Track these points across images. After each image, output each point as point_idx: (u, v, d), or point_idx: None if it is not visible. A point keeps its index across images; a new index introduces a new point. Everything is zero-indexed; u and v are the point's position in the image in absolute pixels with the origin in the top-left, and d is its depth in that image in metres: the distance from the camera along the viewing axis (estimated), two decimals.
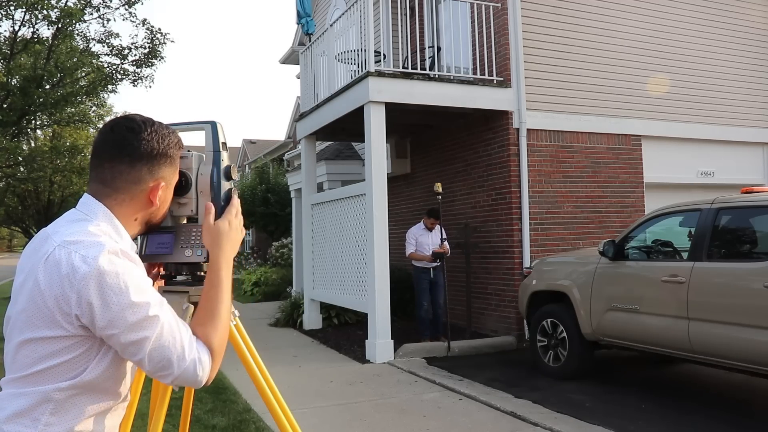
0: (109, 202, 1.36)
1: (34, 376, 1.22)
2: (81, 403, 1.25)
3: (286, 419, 1.93)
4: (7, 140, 16.35)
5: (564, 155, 8.40)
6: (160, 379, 1.29)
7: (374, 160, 7.37)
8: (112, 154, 1.36)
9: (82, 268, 1.19)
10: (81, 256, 1.21)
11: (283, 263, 15.74)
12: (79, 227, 1.29)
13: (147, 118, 1.42)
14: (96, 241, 1.24)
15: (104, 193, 1.36)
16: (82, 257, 1.21)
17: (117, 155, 1.36)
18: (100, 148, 1.38)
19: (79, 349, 1.23)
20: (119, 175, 1.36)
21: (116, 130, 1.38)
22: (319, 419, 4.97)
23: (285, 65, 16.57)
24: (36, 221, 26.49)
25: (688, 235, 5.33)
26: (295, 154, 17.07)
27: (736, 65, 9.76)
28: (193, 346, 1.30)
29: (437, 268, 7.85)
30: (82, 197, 1.38)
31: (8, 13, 15.29)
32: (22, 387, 1.22)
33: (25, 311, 1.23)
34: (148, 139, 1.38)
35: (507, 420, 4.90)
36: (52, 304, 1.20)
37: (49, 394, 1.21)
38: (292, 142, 22.74)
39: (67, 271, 1.20)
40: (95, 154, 1.39)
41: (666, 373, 6.46)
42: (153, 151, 1.39)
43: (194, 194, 1.85)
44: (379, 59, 9.03)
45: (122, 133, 1.37)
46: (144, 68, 17.57)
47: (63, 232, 1.28)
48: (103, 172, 1.36)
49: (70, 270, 1.20)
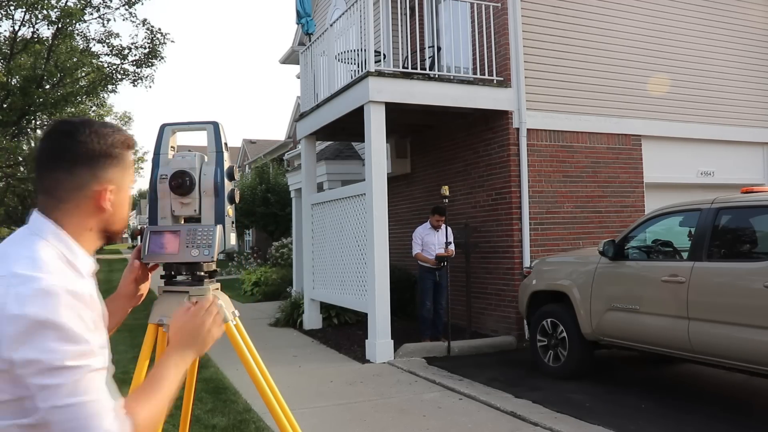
0: (56, 215, 1.26)
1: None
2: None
3: (286, 419, 1.93)
4: (7, 140, 16.35)
5: (564, 155, 8.40)
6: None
7: (374, 160, 7.37)
8: (49, 163, 1.26)
9: (8, 307, 1.10)
10: (15, 294, 1.11)
11: (283, 263, 15.73)
12: (25, 250, 1.19)
13: (86, 119, 1.33)
14: (32, 276, 1.13)
15: (50, 205, 1.27)
16: (15, 295, 1.11)
17: (54, 163, 1.26)
18: (39, 158, 1.28)
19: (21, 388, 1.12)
20: (59, 183, 1.26)
21: (52, 136, 1.28)
22: (319, 419, 4.97)
23: (285, 65, 16.57)
24: None
25: (688, 235, 5.33)
26: (295, 154, 17.07)
27: (736, 65, 9.76)
28: (117, 419, 1.15)
29: (442, 270, 7.86)
30: (32, 212, 1.28)
31: (8, 13, 15.30)
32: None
33: None
34: (86, 141, 1.27)
35: (507, 420, 4.90)
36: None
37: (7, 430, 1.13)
38: (292, 142, 22.73)
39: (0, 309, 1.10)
40: (36, 165, 1.29)
41: (666, 373, 6.45)
42: (92, 152, 1.27)
43: (197, 194, 1.85)
44: (379, 59, 9.03)
45: (58, 139, 1.27)
46: (144, 68, 17.59)
47: (11, 257, 1.18)
48: (44, 182, 1.27)
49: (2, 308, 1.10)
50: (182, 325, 1.46)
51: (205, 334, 1.47)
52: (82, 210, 1.28)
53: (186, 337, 1.45)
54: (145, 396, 1.27)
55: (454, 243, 7.96)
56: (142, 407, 1.22)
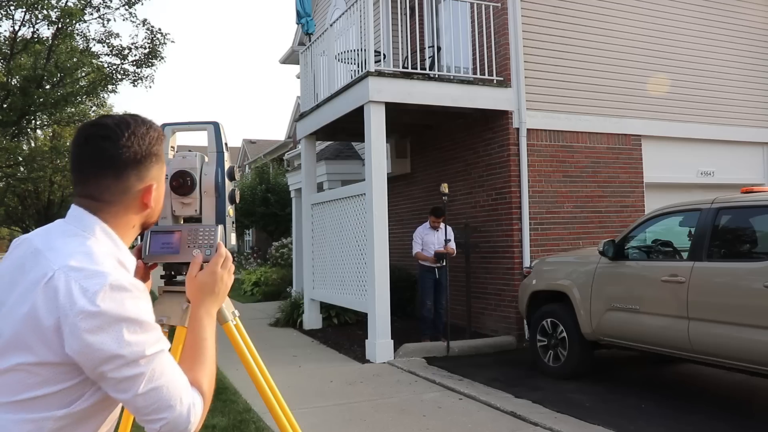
0: (103, 216, 1.27)
1: (26, 402, 1.14)
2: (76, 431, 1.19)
3: (286, 419, 1.93)
4: (7, 140, 16.35)
5: (564, 155, 8.40)
6: (147, 424, 1.19)
7: (374, 160, 7.37)
8: (94, 168, 1.26)
9: (79, 302, 1.11)
10: (81, 288, 1.13)
11: (283, 263, 15.74)
12: (78, 245, 1.20)
13: (120, 119, 1.31)
14: (98, 271, 1.15)
15: (96, 207, 1.27)
16: (82, 289, 1.12)
17: (100, 170, 1.26)
18: (79, 164, 1.28)
19: (74, 379, 1.16)
20: (107, 189, 1.27)
21: (92, 142, 1.27)
22: (319, 419, 4.97)
23: (285, 65, 16.58)
24: (36, 221, 26.47)
25: (688, 235, 5.33)
26: (295, 154, 17.07)
27: (736, 65, 9.76)
28: (190, 391, 1.24)
29: (442, 269, 7.86)
30: (72, 210, 1.29)
31: (8, 13, 15.30)
32: (13, 413, 1.14)
33: (16, 334, 1.14)
34: (128, 144, 1.27)
35: (507, 420, 4.90)
36: (48, 332, 1.12)
37: (41, 423, 1.15)
38: (292, 142, 22.74)
39: (64, 302, 1.12)
40: (76, 169, 1.29)
41: (666, 373, 6.46)
42: (137, 155, 1.28)
43: (198, 194, 1.85)
44: (379, 59, 9.03)
45: (99, 145, 1.26)
46: (144, 68, 17.58)
47: (61, 251, 1.19)
48: (89, 187, 1.27)
49: (67, 301, 1.12)
50: (200, 285, 1.50)
51: (221, 286, 1.53)
52: (129, 209, 1.31)
53: (207, 293, 1.50)
54: (197, 363, 1.34)
55: (454, 243, 7.97)
56: (201, 373, 1.31)
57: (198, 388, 1.28)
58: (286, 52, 15.47)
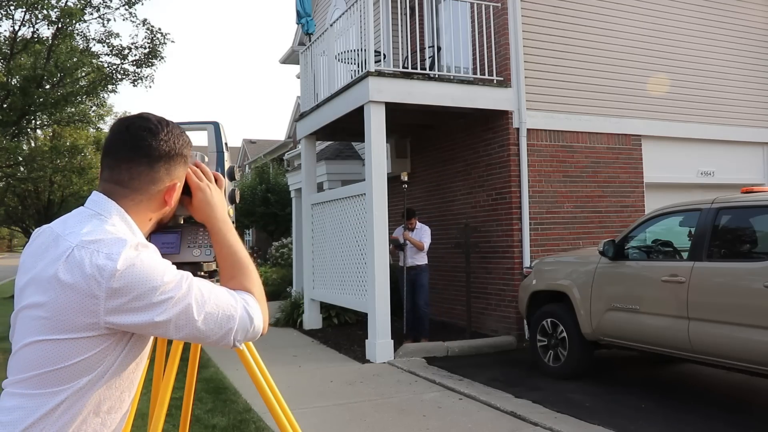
0: (125, 203, 1.33)
1: (48, 375, 1.19)
2: (93, 401, 1.23)
3: (286, 419, 1.93)
4: (7, 140, 16.34)
5: (564, 155, 8.40)
6: (222, 343, 1.30)
7: (374, 160, 7.37)
8: (130, 155, 1.33)
9: (108, 265, 1.17)
10: (105, 254, 1.19)
11: (283, 263, 15.74)
12: (95, 225, 1.26)
13: (160, 117, 1.40)
14: (117, 238, 1.22)
15: (120, 194, 1.33)
16: (107, 255, 1.19)
17: (135, 156, 1.33)
18: (115, 149, 1.34)
19: (99, 347, 1.21)
20: (138, 176, 1.33)
21: (132, 131, 1.34)
22: (319, 419, 4.97)
23: (285, 65, 16.57)
24: (36, 221, 26.46)
25: (688, 235, 5.33)
26: (295, 154, 17.06)
27: (736, 65, 9.76)
28: (235, 295, 1.34)
29: (418, 269, 7.88)
30: (93, 195, 1.35)
31: (8, 13, 15.28)
32: (33, 389, 1.19)
33: (42, 313, 1.19)
34: (166, 139, 1.36)
35: (507, 420, 4.91)
36: (76, 305, 1.17)
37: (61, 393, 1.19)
38: (292, 142, 22.73)
39: (92, 272, 1.17)
40: (109, 154, 1.35)
41: (666, 373, 6.46)
42: (171, 151, 1.37)
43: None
44: (379, 59, 9.03)
45: (139, 133, 1.33)
46: (144, 68, 17.55)
47: (77, 231, 1.24)
48: (120, 173, 1.33)
49: (95, 270, 1.17)
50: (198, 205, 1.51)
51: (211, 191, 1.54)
52: (151, 202, 1.37)
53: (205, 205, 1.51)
54: (237, 271, 1.43)
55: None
56: (244, 279, 1.41)
57: (246, 290, 1.38)
58: (286, 52, 15.48)
